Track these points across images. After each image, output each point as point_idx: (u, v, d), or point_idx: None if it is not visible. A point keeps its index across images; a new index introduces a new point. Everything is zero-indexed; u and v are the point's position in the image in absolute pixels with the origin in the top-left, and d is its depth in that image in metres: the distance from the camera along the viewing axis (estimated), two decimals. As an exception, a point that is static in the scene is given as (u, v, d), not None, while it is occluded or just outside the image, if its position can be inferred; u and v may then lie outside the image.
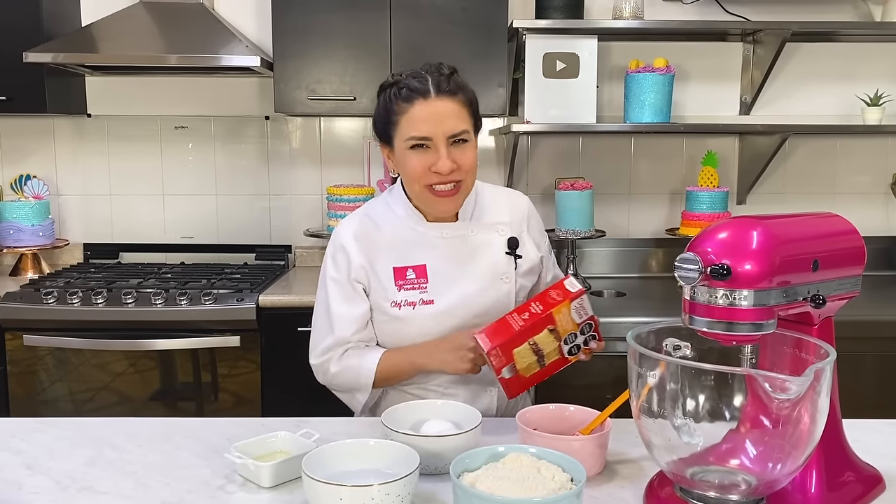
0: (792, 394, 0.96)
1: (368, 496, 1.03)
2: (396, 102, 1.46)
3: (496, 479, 1.02)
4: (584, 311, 1.45)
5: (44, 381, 2.58)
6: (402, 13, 2.69)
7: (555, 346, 1.43)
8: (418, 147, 1.45)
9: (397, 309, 1.53)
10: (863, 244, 1.16)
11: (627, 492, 1.18)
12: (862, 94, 2.97)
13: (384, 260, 1.55)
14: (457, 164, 1.45)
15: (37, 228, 2.93)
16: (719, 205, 2.85)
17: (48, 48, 2.65)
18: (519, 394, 1.48)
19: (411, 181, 1.50)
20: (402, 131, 1.46)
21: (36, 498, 1.16)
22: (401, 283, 1.53)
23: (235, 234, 3.16)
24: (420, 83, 1.45)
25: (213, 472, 1.25)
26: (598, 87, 2.81)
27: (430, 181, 1.47)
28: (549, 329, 1.42)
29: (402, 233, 1.57)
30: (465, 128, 1.46)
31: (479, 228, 1.59)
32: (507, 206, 1.64)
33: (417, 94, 1.44)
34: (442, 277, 1.54)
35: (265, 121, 3.12)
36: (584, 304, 1.45)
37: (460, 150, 1.46)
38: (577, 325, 1.44)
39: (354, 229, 1.57)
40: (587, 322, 1.45)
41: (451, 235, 1.57)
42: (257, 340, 2.56)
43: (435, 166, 1.44)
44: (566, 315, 1.42)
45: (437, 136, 1.44)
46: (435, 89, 1.44)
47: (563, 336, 1.43)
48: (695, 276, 1.02)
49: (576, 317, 1.43)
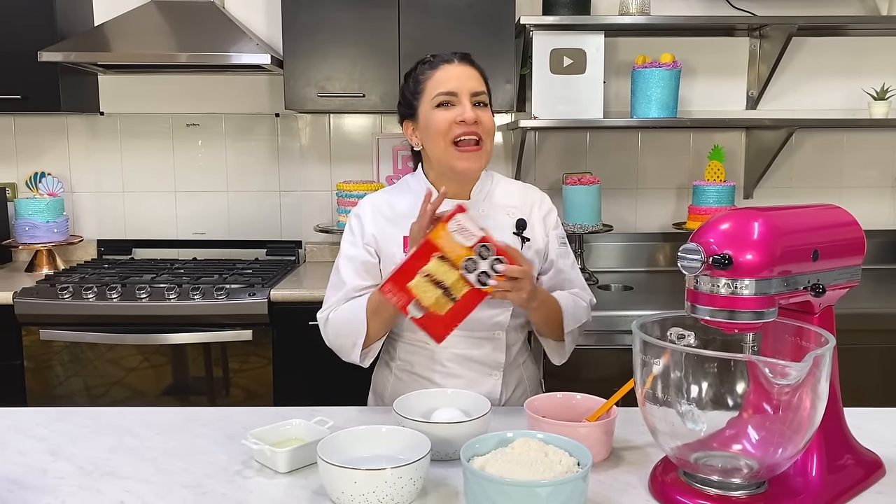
0: (792, 379, 0.99)
1: (382, 479, 1.06)
2: (423, 72, 1.61)
3: (505, 462, 1.05)
4: (468, 231, 1.36)
5: (59, 375, 2.62)
6: (410, 10, 2.72)
7: (455, 275, 1.36)
8: (443, 106, 1.56)
9: None
10: (863, 235, 1.18)
11: (633, 476, 1.21)
12: (868, 88, 2.99)
13: (396, 230, 1.62)
14: (479, 119, 1.56)
15: (51, 225, 2.97)
16: (726, 199, 2.87)
17: (62, 48, 2.69)
18: (445, 335, 1.41)
19: (437, 137, 1.57)
20: (428, 93, 1.58)
21: (61, 483, 1.20)
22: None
23: (247, 230, 3.20)
24: (444, 54, 1.62)
25: (230, 459, 1.28)
26: (605, 82, 2.84)
27: (455, 133, 1.55)
28: (438, 257, 1.36)
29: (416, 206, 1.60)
30: (484, 90, 1.60)
31: (490, 208, 1.65)
32: (520, 193, 1.72)
33: (442, 61, 1.60)
34: None
35: (275, 118, 3.16)
36: (464, 224, 1.36)
37: (481, 111, 1.58)
38: (468, 248, 1.36)
39: (373, 201, 1.69)
40: (481, 245, 1.37)
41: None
42: (269, 334, 2.60)
43: (460, 116, 1.54)
44: (448, 238, 1.36)
45: (461, 92, 1.56)
46: (458, 58, 1.61)
47: (459, 263, 1.36)
48: (697, 265, 1.05)
49: (461, 239, 1.36)
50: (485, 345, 1.63)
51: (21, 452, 1.31)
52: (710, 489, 1.10)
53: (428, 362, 1.64)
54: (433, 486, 1.17)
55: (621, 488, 1.18)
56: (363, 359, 1.61)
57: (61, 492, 1.17)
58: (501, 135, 3.17)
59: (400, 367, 1.67)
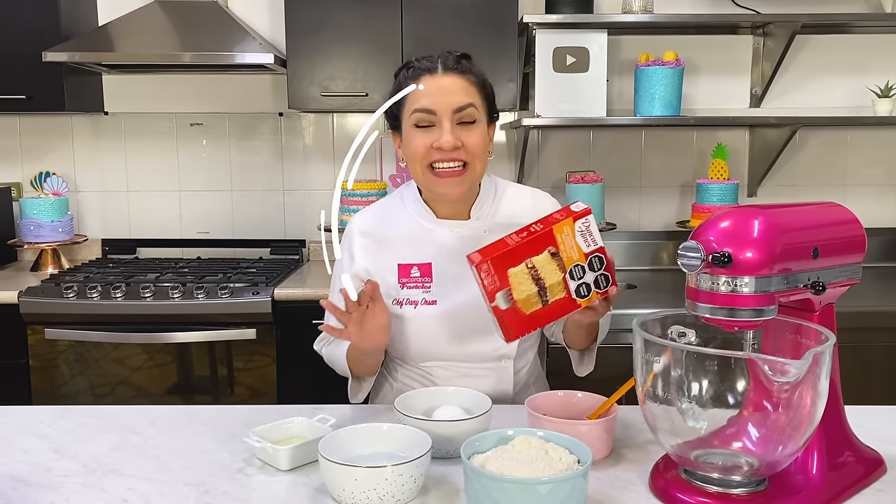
0: (791, 376, 0.99)
1: (382, 477, 1.07)
2: (405, 81, 1.45)
3: (505, 460, 1.06)
4: (591, 236, 1.27)
5: (65, 374, 2.64)
6: (413, 9, 2.72)
7: (559, 277, 1.26)
8: (422, 127, 1.43)
9: (398, 307, 1.50)
10: (863, 233, 1.18)
11: (634, 474, 1.21)
12: (872, 86, 2.98)
13: (390, 256, 1.53)
14: (461, 143, 1.42)
15: (56, 224, 2.98)
16: (730, 197, 2.86)
17: (66, 48, 2.70)
18: (518, 337, 1.30)
19: (413, 162, 1.45)
20: (408, 106, 1.44)
21: (65, 480, 1.21)
22: (404, 281, 1.51)
23: (250, 230, 3.21)
24: (428, 62, 1.45)
25: (232, 456, 1.29)
26: (608, 80, 2.84)
27: (432, 158, 1.42)
28: (551, 252, 1.25)
29: (411, 228, 1.54)
30: (472, 101, 1.43)
31: (494, 228, 1.52)
32: (529, 206, 1.57)
33: (424, 71, 1.44)
34: (447, 277, 1.50)
35: (279, 117, 3.16)
36: (590, 228, 1.27)
37: (466, 131, 1.43)
38: (584, 254, 1.26)
39: (362, 225, 1.57)
40: (596, 255, 1.27)
41: (461, 234, 1.52)
42: (273, 333, 2.61)
43: (437, 142, 1.41)
44: (569, 237, 1.25)
45: (440, 110, 1.41)
46: (442, 66, 1.44)
47: (569, 266, 1.26)
48: (697, 263, 1.05)
49: (581, 242, 1.26)
50: (490, 375, 1.54)
51: (25, 450, 1.32)
52: (711, 487, 1.10)
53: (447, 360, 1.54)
54: (434, 484, 1.17)
55: (622, 486, 1.18)
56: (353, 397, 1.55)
57: (65, 490, 1.17)
58: (504, 133, 3.17)
59: (401, 389, 1.57)
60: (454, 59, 1.46)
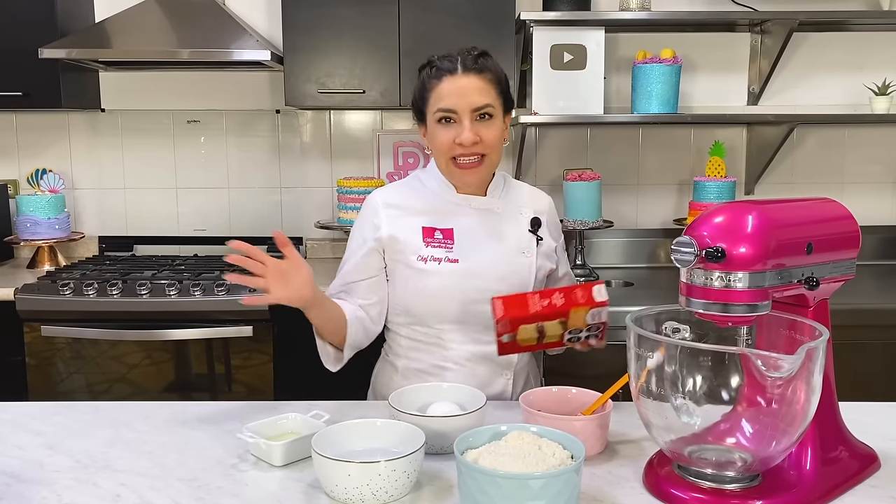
0: (784, 372, 0.99)
1: (375, 472, 1.07)
2: (429, 80, 1.58)
3: (498, 455, 1.05)
4: (599, 317, 1.47)
5: (61, 371, 2.63)
6: (410, 6, 2.72)
7: (559, 333, 1.46)
8: (445, 121, 1.56)
9: (423, 263, 1.60)
10: (857, 229, 1.18)
11: (628, 470, 1.21)
12: (870, 84, 2.98)
13: (413, 221, 1.63)
14: (480, 138, 1.55)
15: (53, 221, 2.98)
16: (727, 195, 2.86)
17: (63, 44, 2.70)
18: (506, 354, 1.51)
19: (438, 154, 1.59)
20: (431, 105, 1.57)
21: (58, 476, 1.21)
22: (428, 241, 1.61)
23: (247, 227, 3.20)
24: (449, 62, 1.57)
25: (226, 452, 1.29)
26: (606, 78, 2.83)
27: (455, 153, 1.56)
28: (561, 321, 1.45)
29: (433, 202, 1.66)
30: (489, 102, 1.56)
31: (506, 206, 1.67)
32: (531, 197, 1.74)
33: (445, 72, 1.56)
34: (468, 242, 1.61)
35: (276, 114, 3.16)
36: (601, 313, 1.47)
37: (484, 126, 1.56)
38: (587, 324, 1.46)
39: (386, 198, 1.68)
40: (597, 324, 1.48)
41: (479, 207, 1.65)
42: (270, 330, 2.60)
43: (458, 138, 1.54)
44: (581, 316, 1.45)
45: (461, 110, 1.54)
46: (462, 67, 1.55)
47: (570, 329, 1.46)
48: (690, 258, 1.05)
49: (589, 319, 1.46)
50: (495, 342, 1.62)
51: (19, 446, 1.32)
52: (705, 482, 1.10)
53: (439, 360, 1.62)
54: (428, 480, 1.17)
55: (616, 482, 1.18)
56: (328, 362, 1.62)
57: (58, 485, 1.17)
58: (502, 131, 3.16)
59: (407, 366, 1.65)
60: (472, 59, 1.57)
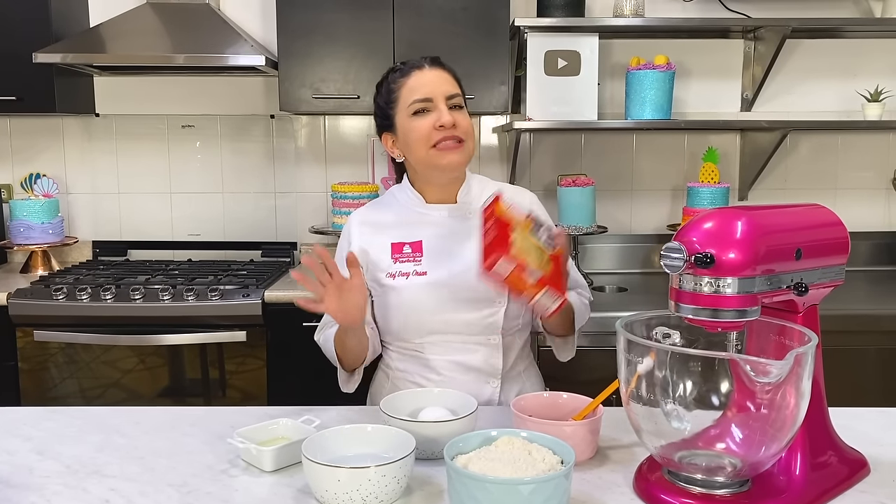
0: (773, 377, 0.99)
1: (365, 478, 1.07)
2: (395, 81, 1.60)
3: (488, 460, 1.05)
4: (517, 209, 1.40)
5: (54, 376, 2.63)
6: (404, 12, 2.73)
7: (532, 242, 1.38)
8: (421, 112, 1.56)
9: (391, 279, 1.61)
10: (847, 235, 1.18)
11: (618, 475, 1.21)
12: (862, 90, 2.99)
13: (384, 237, 1.64)
14: (457, 123, 1.56)
15: (46, 226, 2.98)
16: (720, 201, 2.87)
17: (57, 49, 2.70)
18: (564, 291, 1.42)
19: (418, 145, 1.57)
20: (403, 101, 1.58)
21: (47, 481, 1.20)
22: (397, 257, 1.62)
23: (242, 232, 3.21)
24: (413, 61, 1.61)
25: (217, 458, 1.29)
26: (600, 84, 2.84)
27: (436, 138, 1.55)
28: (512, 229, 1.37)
29: (404, 214, 1.66)
30: (458, 93, 1.60)
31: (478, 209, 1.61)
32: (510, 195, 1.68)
33: (413, 68, 1.59)
34: (437, 253, 1.61)
35: (270, 119, 3.16)
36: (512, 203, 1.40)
37: (458, 113, 1.57)
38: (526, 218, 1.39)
39: (359, 217, 1.70)
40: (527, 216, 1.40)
41: (449, 215, 1.65)
42: (263, 335, 2.60)
43: (438, 121, 1.54)
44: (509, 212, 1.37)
45: (436, 96, 1.56)
46: (427, 63, 1.61)
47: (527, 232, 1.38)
48: (679, 264, 1.05)
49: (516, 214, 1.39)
50: (480, 350, 1.61)
51: (8, 452, 1.32)
52: (695, 488, 1.10)
53: (422, 370, 1.63)
54: (418, 485, 1.17)
55: (606, 487, 1.18)
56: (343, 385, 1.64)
57: (47, 490, 1.17)
58: (496, 136, 3.17)
59: (396, 377, 1.67)
60: (434, 59, 1.63)
